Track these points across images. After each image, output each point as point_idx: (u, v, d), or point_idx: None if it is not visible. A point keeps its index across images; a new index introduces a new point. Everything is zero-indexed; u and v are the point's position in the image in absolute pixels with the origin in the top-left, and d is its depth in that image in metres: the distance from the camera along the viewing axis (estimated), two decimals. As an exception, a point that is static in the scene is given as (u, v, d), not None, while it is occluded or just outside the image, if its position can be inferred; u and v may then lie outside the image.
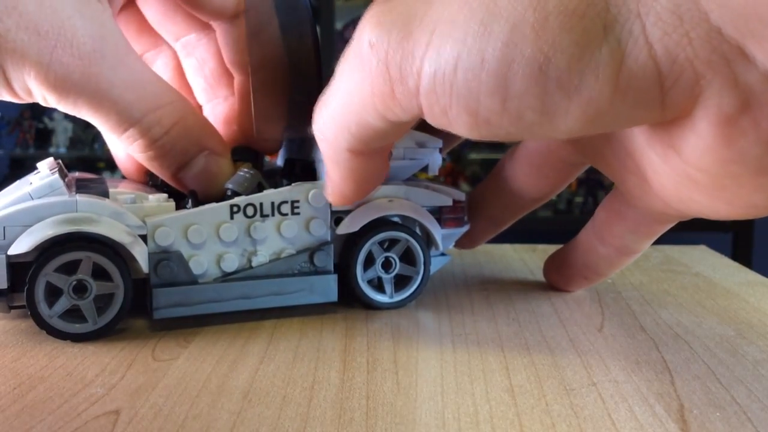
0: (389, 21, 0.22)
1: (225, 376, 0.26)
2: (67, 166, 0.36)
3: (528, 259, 0.46)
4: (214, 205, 0.31)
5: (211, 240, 0.31)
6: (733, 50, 0.17)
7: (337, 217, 0.33)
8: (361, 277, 0.34)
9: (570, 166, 0.35)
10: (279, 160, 0.39)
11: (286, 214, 0.32)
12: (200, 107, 0.38)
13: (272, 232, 0.32)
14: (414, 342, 0.30)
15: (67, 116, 2.25)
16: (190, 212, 0.31)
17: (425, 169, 0.35)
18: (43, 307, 0.29)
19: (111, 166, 2.26)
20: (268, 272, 0.32)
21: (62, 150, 2.20)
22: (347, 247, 0.34)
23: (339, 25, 1.85)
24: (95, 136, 2.22)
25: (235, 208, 0.32)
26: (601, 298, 0.37)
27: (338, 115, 0.25)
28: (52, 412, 0.23)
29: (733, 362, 0.28)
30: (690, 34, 0.17)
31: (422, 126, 0.35)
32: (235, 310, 0.32)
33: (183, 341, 0.30)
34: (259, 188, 0.33)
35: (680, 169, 0.21)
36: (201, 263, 0.31)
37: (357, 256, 0.34)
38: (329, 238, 0.33)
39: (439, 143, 0.35)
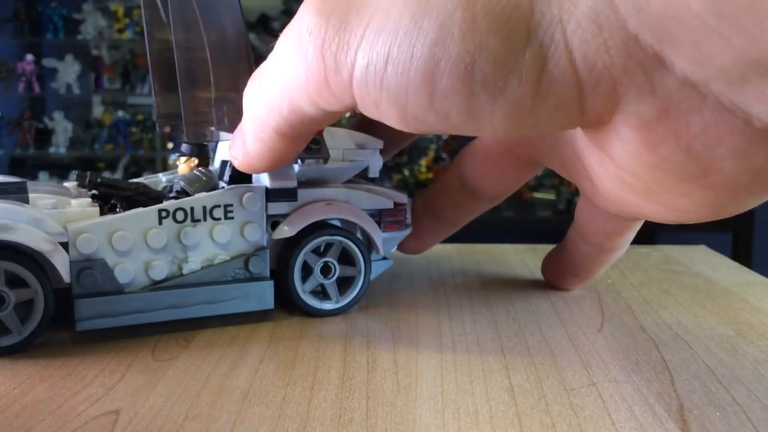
0: (329, 9, 0.22)
1: (225, 376, 0.26)
2: (68, 166, 0.35)
3: (528, 259, 0.46)
4: (140, 210, 0.30)
5: (139, 247, 0.29)
6: (650, 58, 0.17)
7: (273, 221, 0.32)
8: (299, 284, 0.32)
9: (526, 167, 0.34)
10: (216, 162, 0.37)
11: (219, 219, 0.31)
12: None
13: (204, 237, 0.31)
14: (414, 342, 0.30)
15: (67, 116, 2.25)
16: (114, 218, 0.29)
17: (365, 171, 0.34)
18: None
19: (111, 165, 2.26)
20: (200, 280, 0.31)
21: (62, 150, 2.19)
22: (284, 252, 0.33)
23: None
24: (95, 136, 2.21)
25: (163, 213, 0.30)
26: (601, 298, 0.37)
27: (272, 96, 0.25)
28: (52, 412, 0.23)
29: (733, 362, 0.28)
30: (608, 42, 0.17)
31: (362, 127, 0.34)
32: (165, 320, 0.30)
33: (183, 341, 0.30)
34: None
35: (614, 173, 0.21)
36: (127, 271, 0.29)
37: (294, 261, 0.32)
38: (265, 243, 0.32)
39: (380, 144, 0.34)
